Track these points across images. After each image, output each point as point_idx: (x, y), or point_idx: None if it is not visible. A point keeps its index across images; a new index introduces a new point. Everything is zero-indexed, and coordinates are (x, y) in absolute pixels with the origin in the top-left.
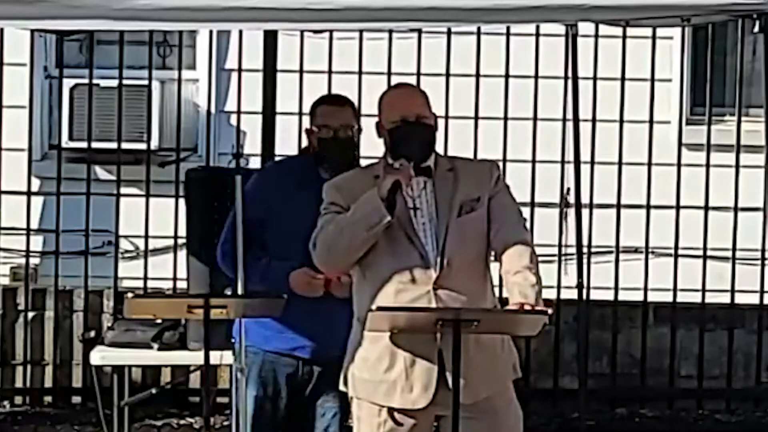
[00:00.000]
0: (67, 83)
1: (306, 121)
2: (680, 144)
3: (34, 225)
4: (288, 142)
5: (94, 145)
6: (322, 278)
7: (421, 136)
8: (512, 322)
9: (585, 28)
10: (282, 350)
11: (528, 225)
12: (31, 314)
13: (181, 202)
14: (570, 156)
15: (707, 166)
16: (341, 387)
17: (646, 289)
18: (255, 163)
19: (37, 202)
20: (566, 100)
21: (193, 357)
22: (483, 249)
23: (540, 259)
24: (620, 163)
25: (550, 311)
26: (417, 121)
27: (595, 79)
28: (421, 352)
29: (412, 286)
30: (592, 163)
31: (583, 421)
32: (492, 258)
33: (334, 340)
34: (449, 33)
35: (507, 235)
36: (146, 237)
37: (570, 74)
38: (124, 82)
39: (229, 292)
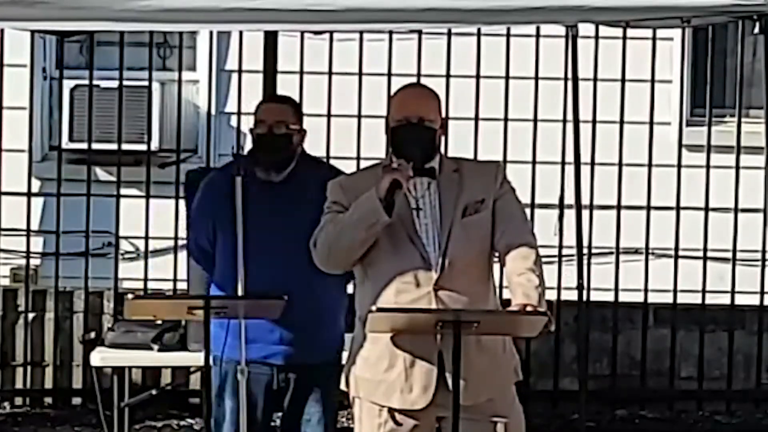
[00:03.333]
0: (68, 84)
1: (306, 123)
2: (680, 145)
3: (34, 226)
4: None
5: (95, 146)
6: None
7: (422, 138)
8: (512, 324)
9: (585, 29)
10: (255, 359)
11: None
12: (31, 315)
13: (182, 203)
14: (570, 157)
15: (707, 167)
16: (342, 386)
17: (646, 291)
18: None
19: (37, 203)
20: (566, 101)
21: (193, 358)
22: (486, 251)
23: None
24: (620, 164)
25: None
26: (419, 123)
27: (595, 80)
28: (421, 352)
29: (413, 286)
30: (593, 164)
31: (583, 423)
32: (495, 259)
33: (306, 345)
34: (449, 34)
35: (511, 237)
36: (146, 238)
37: (570, 75)
38: (125, 83)
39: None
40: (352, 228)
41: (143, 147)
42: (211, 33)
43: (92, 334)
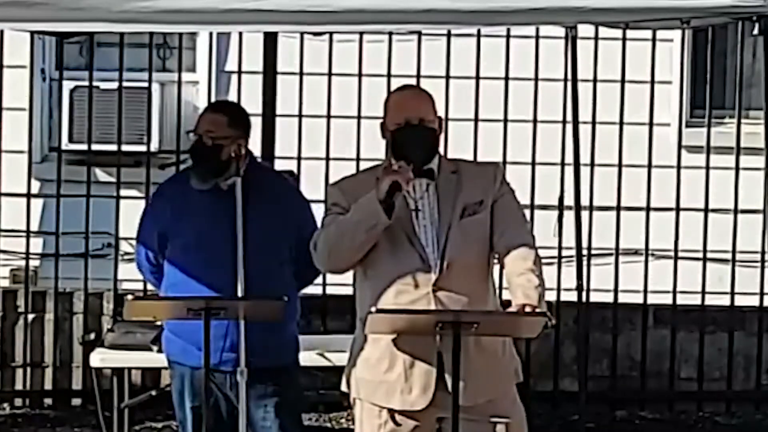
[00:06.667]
0: (67, 85)
1: (306, 124)
2: (680, 146)
3: (34, 227)
4: (288, 145)
5: (94, 147)
6: None
7: (423, 139)
8: (512, 324)
9: (585, 30)
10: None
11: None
12: (31, 316)
13: None
14: (570, 158)
15: (707, 168)
16: (343, 388)
17: (646, 291)
18: None
19: (37, 204)
20: (566, 102)
21: None
22: (485, 252)
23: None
24: (620, 165)
25: (549, 314)
26: (419, 124)
27: (595, 81)
28: (420, 353)
29: (412, 287)
30: (592, 165)
31: (583, 424)
32: (495, 261)
33: (257, 350)
34: (449, 35)
35: (511, 239)
36: None
37: (570, 76)
38: (124, 84)
39: None
40: (353, 230)
41: (143, 148)
42: (210, 34)
43: (92, 335)
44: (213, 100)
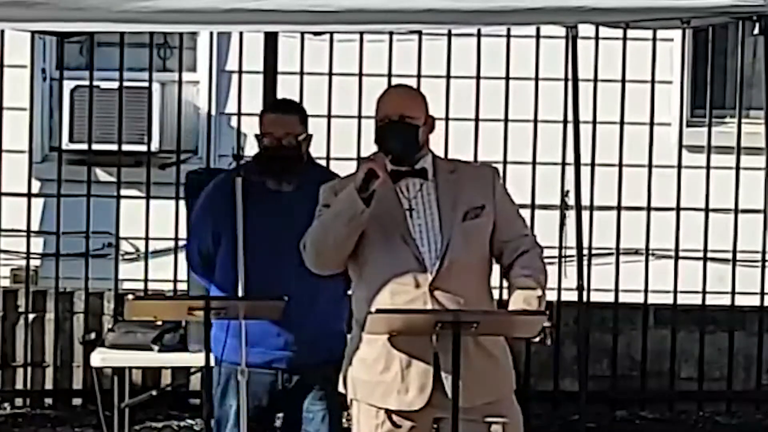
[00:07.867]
0: (68, 85)
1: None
2: (681, 146)
3: (34, 227)
4: None
5: (95, 147)
6: None
7: (402, 133)
8: (511, 323)
9: (585, 30)
10: (258, 364)
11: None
12: (31, 316)
13: (182, 203)
14: (570, 158)
15: (707, 168)
16: (340, 389)
17: (646, 291)
18: None
19: (37, 203)
20: (567, 102)
21: (193, 359)
22: (485, 255)
23: None
24: (620, 165)
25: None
26: (400, 120)
27: (595, 81)
28: (416, 353)
29: (408, 287)
30: (593, 164)
31: (584, 424)
32: (495, 263)
33: (310, 348)
34: (449, 35)
35: (515, 244)
36: (147, 239)
37: (570, 76)
38: (125, 84)
39: None
40: (334, 224)
41: (143, 148)
42: (211, 34)
43: (92, 335)
44: (213, 100)
